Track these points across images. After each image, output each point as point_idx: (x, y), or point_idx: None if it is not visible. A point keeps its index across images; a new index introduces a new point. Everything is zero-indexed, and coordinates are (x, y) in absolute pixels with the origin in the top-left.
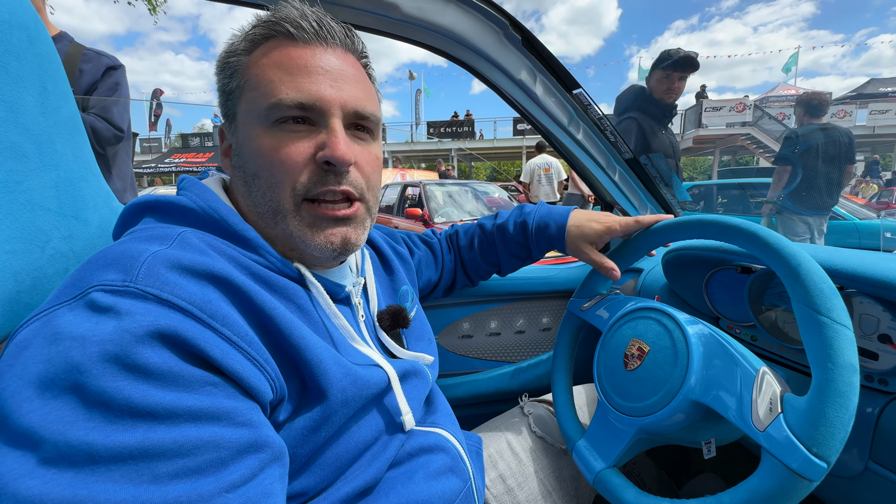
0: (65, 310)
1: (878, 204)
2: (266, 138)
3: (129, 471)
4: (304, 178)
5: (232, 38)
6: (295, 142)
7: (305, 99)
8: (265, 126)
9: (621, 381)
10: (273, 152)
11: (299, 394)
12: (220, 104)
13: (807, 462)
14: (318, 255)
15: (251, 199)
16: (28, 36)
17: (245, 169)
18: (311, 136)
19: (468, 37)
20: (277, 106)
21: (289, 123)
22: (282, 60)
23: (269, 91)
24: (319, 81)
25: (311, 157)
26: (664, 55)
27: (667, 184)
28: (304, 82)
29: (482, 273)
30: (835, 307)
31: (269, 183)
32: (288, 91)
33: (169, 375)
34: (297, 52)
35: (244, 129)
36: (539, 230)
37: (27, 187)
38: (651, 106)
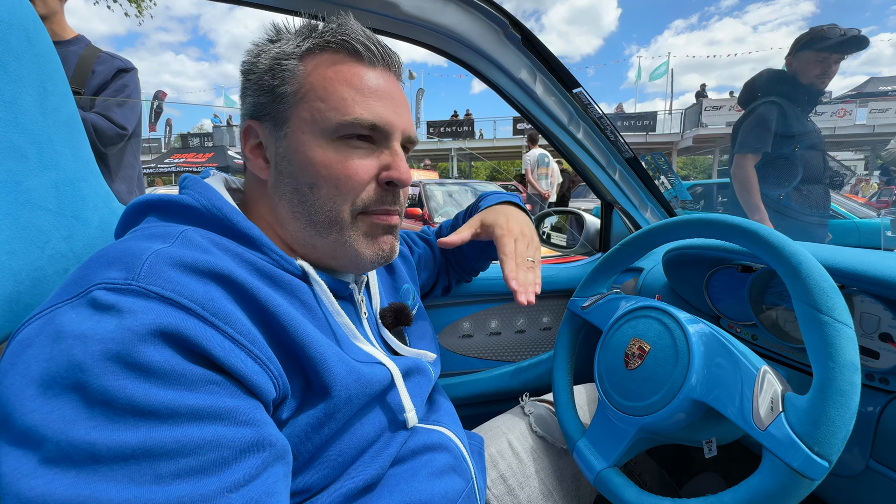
0: (67, 308)
1: (878, 202)
2: (329, 151)
3: (132, 470)
4: (366, 195)
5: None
6: (360, 159)
7: (378, 122)
8: (328, 138)
9: (622, 381)
10: (339, 166)
11: (303, 391)
12: (259, 104)
13: (808, 461)
14: (366, 264)
15: (302, 207)
16: (27, 36)
17: (297, 177)
18: (373, 156)
19: (468, 36)
20: (352, 124)
21: (353, 140)
22: (352, 79)
23: (342, 108)
24: (388, 106)
25: (374, 175)
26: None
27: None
28: (376, 105)
29: (465, 268)
30: (836, 306)
31: (332, 195)
32: (363, 112)
33: (171, 374)
34: (366, 72)
35: (301, 136)
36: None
37: (26, 187)
38: (797, 90)
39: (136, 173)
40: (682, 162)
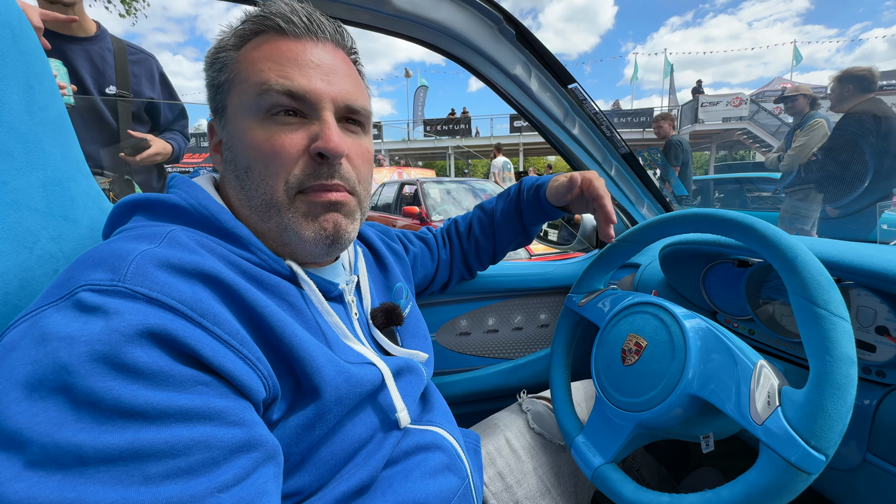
0: (52, 310)
1: None
2: (258, 131)
3: (119, 472)
4: (298, 170)
5: (221, 34)
6: (288, 133)
7: (295, 88)
8: (257, 118)
9: (619, 377)
10: (266, 144)
11: (293, 392)
12: (209, 99)
13: (805, 455)
14: (312, 248)
15: (244, 193)
16: (12, 34)
17: (237, 163)
18: (303, 128)
19: (462, 32)
20: (267, 92)
21: (281, 116)
22: (272, 53)
23: (258, 80)
24: (310, 75)
25: (305, 148)
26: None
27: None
28: (295, 74)
29: (482, 257)
30: (832, 299)
31: (263, 175)
32: (277, 78)
33: (159, 375)
34: (287, 45)
35: (235, 122)
36: (531, 183)
37: (13, 187)
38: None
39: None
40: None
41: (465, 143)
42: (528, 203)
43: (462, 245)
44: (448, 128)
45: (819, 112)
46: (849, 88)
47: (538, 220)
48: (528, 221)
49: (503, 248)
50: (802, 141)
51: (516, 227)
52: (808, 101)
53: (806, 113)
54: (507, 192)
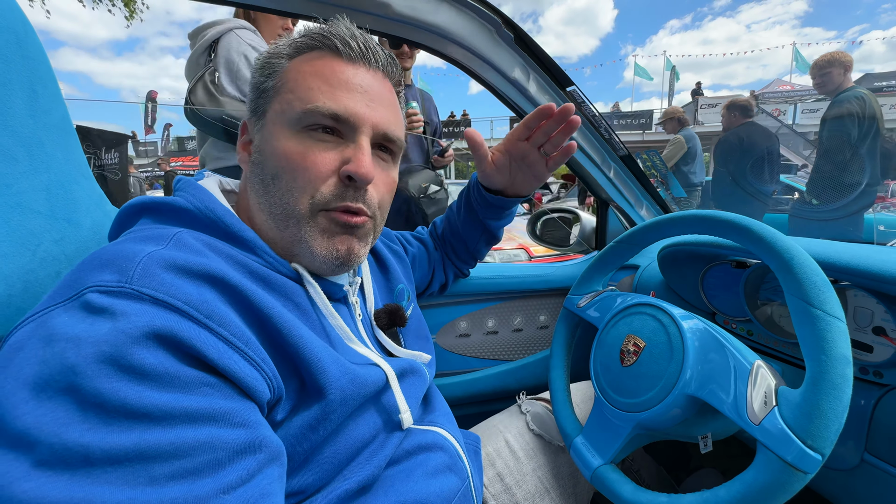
0: (60, 311)
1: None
2: (293, 142)
3: (126, 472)
4: (326, 189)
5: (277, 42)
6: (322, 151)
7: (342, 111)
8: (294, 130)
9: (618, 378)
10: (299, 157)
11: (297, 393)
12: (251, 100)
13: (801, 454)
14: (321, 264)
15: (266, 198)
16: (16, 38)
17: (265, 167)
18: (337, 149)
19: (461, 35)
20: (313, 112)
21: (318, 132)
22: (324, 71)
23: (307, 97)
24: (357, 98)
25: (336, 169)
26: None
27: (663, 180)
28: (342, 96)
29: (462, 257)
30: (828, 300)
31: (290, 187)
32: (325, 100)
33: (165, 376)
34: (340, 66)
35: (271, 128)
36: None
37: (17, 190)
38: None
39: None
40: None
41: (465, 145)
42: (475, 197)
43: (443, 247)
44: (448, 130)
45: (683, 131)
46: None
47: (492, 214)
48: (483, 216)
49: (474, 247)
50: (665, 153)
51: (477, 225)
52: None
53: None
54: (462, 191)
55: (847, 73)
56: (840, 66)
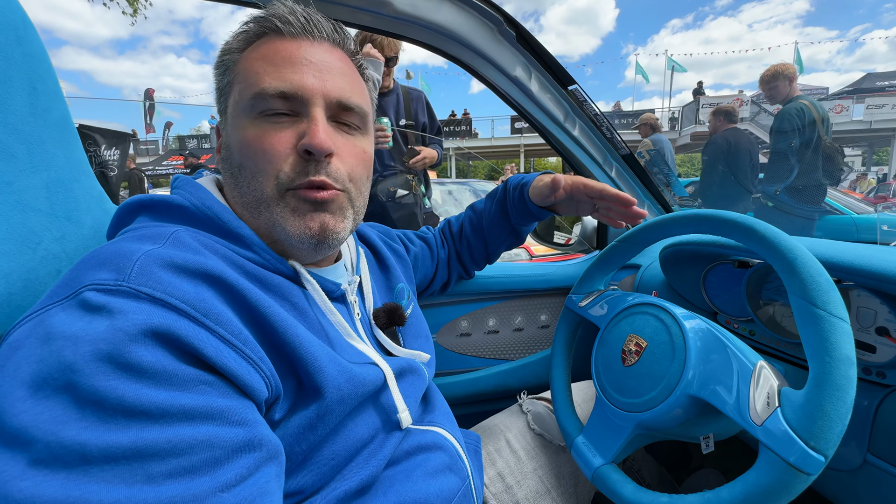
0: (57, 309)
1: (876, 198)
2: (251, 129)
3: (123, 471)
4: (287, 167)
5: (228, 38)
6: (277, 132)
7: (287, 87)
8: (250, 118)
9: (619, 377)
10: (256, 142)
11: (295, 392)
12: (216, 101)
13: (804, 456)
14: (298, 244)
15: (237, 191)
16: (16, 36)
17: (231, 161)
18: (293, 127)
19: (463, 33)
20: (260, 95)
21: (272, 116)
22: (268, 53)
23: (254, 82)
24: (303, 72)
25: (293, 146)
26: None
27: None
28: (288, 72)
29: (476, 257)
30: (831, 300)
31: (253, 173)
32: (271, 81)
33: (162, 374)
34: (283, 45)
35: (232, 122)
36: (516, 182)
37: (17, 188)
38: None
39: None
40: (680, 159)
41: (466, 144)
42: (514, 203)
43: (455, 245)
44: (449, 129)
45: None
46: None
47: (526, 221)
48: (516, 222)
49: (495, 248)
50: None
51: (506, 228)
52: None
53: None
54: (494, 192)
55: (792, 83)
56: (785, 79)
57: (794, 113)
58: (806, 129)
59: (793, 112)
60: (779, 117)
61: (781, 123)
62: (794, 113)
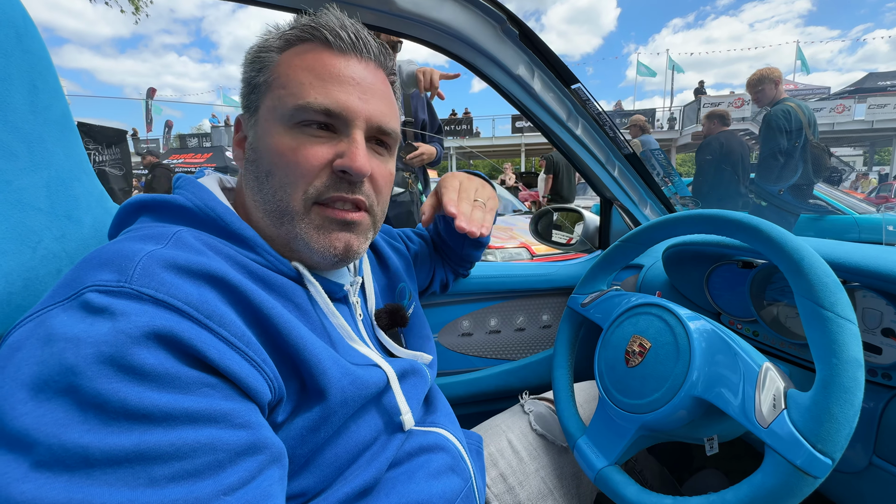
0: (58, 310)
1: (877, 198)
2: (286, 138)
3: (125, 474)
4: (318, 182)
5: (266, 34)
6: (315, 146)
7: (333, 106)
8: (287, 126)
9: (622, 378)
10: (291, 153)
11: (298, 394)
12: (244, 96)
13: (811, 459)
14: (319, 260)
15: (261, 196)
16: (16, 33)
17: (259, 164)
18: (330, 143)
19: (465, 32)
20: (304, 108)
21: (311, 128)
22: (315, 65)
23: (298, 92)
24: (349, 91)
25: (328, 163)
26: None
27: (668, 179)
28: (334, 90)
29: (453, 259)
30: (839, 301)
31: (283, 183)
32: (317, 95)
33: (165, 377)
34: (331, 59)
35: (265, 124)
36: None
37: (17, 187)
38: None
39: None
40: (681, 159)
41: (466, 143)
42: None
43: (438, 245)
44: (450, 128)
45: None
46: (714, 122)
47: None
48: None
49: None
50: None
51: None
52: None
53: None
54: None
55: (777, 86)
56: (770, 82)
57: (781, 115)
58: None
59: (779, 114)
60: (766, 120)
61: (769, 125)
62: (781, 115)
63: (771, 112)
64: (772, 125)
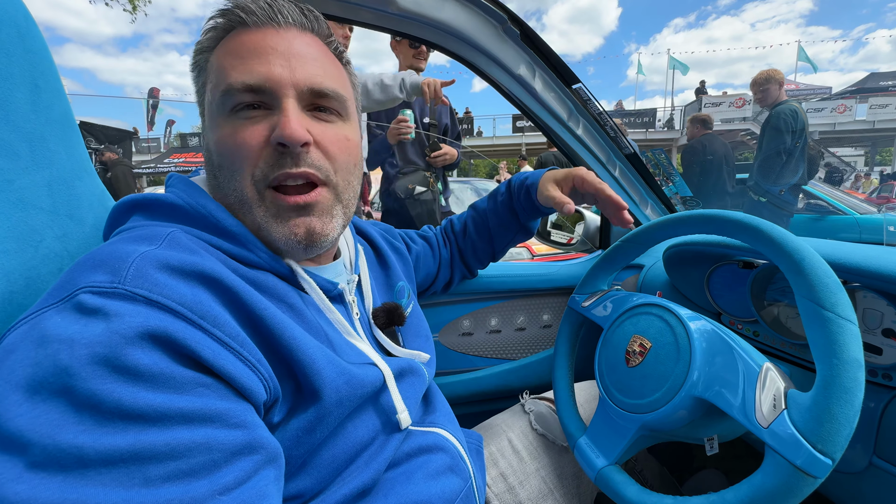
0: (52, 312)
1: (879, 198)
2: (225, 128)
3: (120, 474)
4: (262, 162)
5: (200, 38)
6: (249, 127)
7: (253, 80)
8: (224, 116)
9: (623, 378)
10: (229, 140)
11: (293, 394)
12: (197, 104)
13: (811, 459)
14: (286, 249)
15: (220, 191)
16: (18, 32)
17: (211, 160)
18: (265, 120)
19: (466, 31)
20: (228, 91)
21: (244, 110)
22: (234, 47)
23: (222, 78)
24: (269, 62)
25: (266, 139)
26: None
27: (668, 180)
28: (254, 64)
29: (480, 256)
30: (839, 302)
31: (231, 171)
32: (237, 75)
33: (160, 377)
34: (248, 36)
35: (209, 122)
36: (520, 182)
37: (19, 186)
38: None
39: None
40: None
41: (467, 143)
42: (522, 204)
43: (459, 244)
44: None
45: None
46: (697, 126)
47: (535, 218)
48: (525, 220)
49: (502, 247)
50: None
51: (513, 226)
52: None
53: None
54: (496, 193)
55: (781, 87)
56: (776, 83)
57: (789, 114)
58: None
59: (787, 113)
60: (775, 118)
61: (778, 124)
62: (789, 114)
63: (779, 111)
64: (780, 125)
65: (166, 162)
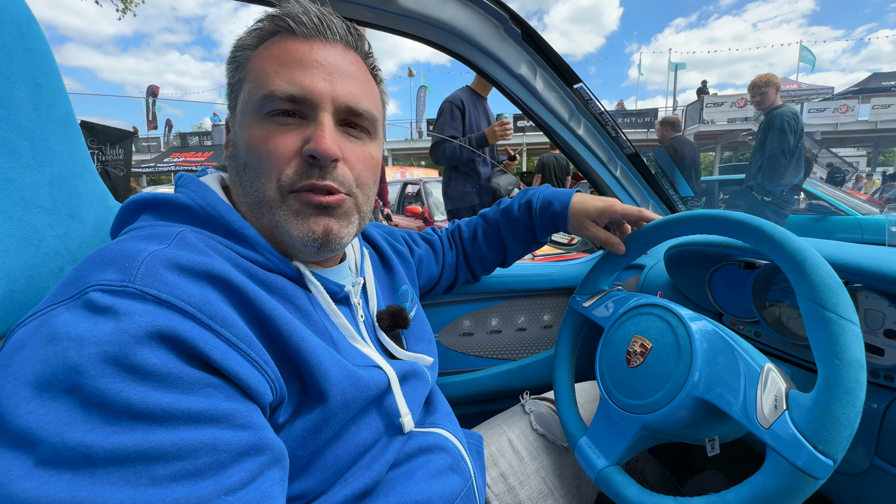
0: (62, 309)
1: (881, 199)
2: (257, 130)
3: (128, 473)
4: (290, 170)
5: (241, 34)
6: (283, 134)
7: (296, 91)
8: (258, 117)
9: (624, 379)
10: (261, 143)
11: (299, 395)
12: (227, 97)
13: (813, 460)
14: (301, 247)
15: (242, 190)
16: (20, 31)
17: (237, 159)
18: (299, 130)
19: (468, 31)
20: (269, 97)
21: (280, 116)
22: (280, 54)
23: (264, 83)
24: (313, 75)
25: (298, 150)
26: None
27: (669, 180)
28: (298, 75)
29: (487, 265)
30: (841, 302)
31: (257, 173)
32: (281, 83)
33: (168, 377)
34: (295, 45)
35: (240, 119)
36: (543, 208)
37: (20, 185)
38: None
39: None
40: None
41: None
42: (545, 227)
43: (466, 250)
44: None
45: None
46: (667, 129)
47: (552, 233)
48: (543, 237)
49: (514, 258)
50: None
51: (527, 239)
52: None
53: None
54: (512, 209)
55: (777, 92)
56: (773, 87)
57: (791, 116)
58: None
59: (789, 115)
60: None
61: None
62: (791, 116)
63: (782, 113)
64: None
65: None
